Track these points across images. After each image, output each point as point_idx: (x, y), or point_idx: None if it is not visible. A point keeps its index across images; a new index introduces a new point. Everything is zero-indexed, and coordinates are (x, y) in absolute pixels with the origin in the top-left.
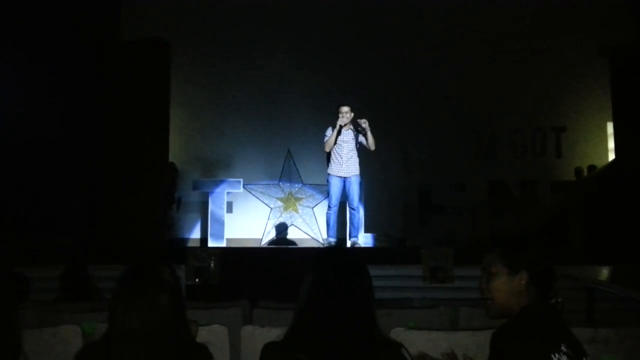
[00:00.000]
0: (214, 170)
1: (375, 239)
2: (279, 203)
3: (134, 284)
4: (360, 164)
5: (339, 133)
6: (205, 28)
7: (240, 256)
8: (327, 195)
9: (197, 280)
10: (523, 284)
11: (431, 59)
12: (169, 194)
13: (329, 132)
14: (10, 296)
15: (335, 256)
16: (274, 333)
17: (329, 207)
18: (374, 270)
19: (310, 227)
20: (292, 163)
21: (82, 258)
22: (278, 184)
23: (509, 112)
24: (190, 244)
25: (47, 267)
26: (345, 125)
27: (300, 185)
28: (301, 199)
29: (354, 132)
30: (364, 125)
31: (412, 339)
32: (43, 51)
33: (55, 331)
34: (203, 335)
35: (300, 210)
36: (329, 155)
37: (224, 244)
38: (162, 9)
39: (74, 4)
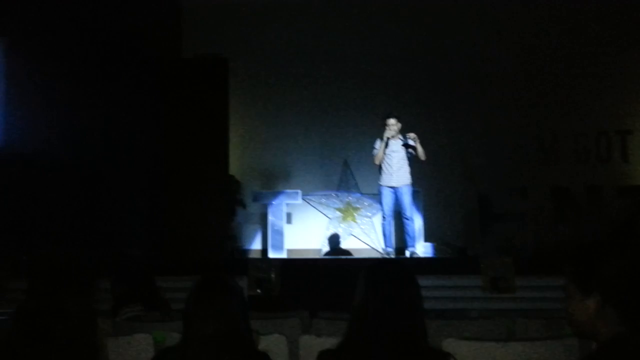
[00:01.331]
0: (273, 182)
1: (435, 249)
2: (338, 213)
3: (208, 293)
4: (418, 172)
5: (386, 145)
6: (262, 43)
7: (300, 267)
8: (380, 206)
9: (258, 290)
10: (597, 308)
11: (490, 62)
12: (230, 206)
13: (377, 144)
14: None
15: (386, 269)
16: (331, 342)
17: (383, 217)
18: (432, 281)
19: (369, 236)
20: (349, 173)
21: (150, 270)
22: (336, 194)
23: (571, 115)
24: (252, 255)
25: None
26: (392, 137)
27: (358, 195)
28: (359, 208)
29: (403, 141)
30: (412, 142)
31: (465, 350)
32: (105, 68)
33: (130, 339)
34: (263, 344)
35: (358, 220)
36: (380, 165)
37: (284, 255)
38: (220, 26)
39: (136, 22)
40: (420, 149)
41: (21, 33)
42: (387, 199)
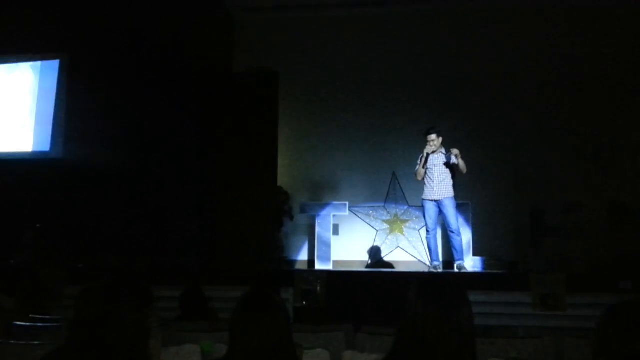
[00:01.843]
0: (321, 194)
1: (485, 263)
2: (385, 225)
3: (253, 308)
4: (467, 185)
5: (426, 160)
6: (312, 56)
7: (346, 279)
8: (424, 220)
9: (304, 302)
10: None
11: (545, 72)
12: (278, 217)
13: (420, 160)
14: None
15: (438, 285)
16: (373, 359)
17: (427, 231)
18: (480, 296)
19: (417, 249)
20: (397, 185)
21: (199, 279)
22: (384, 206)
23: (630, 127)
24: (298, 266)
25: (168, 287)
26: (433, 152)
27: (406, 208)
28: (407, 221)
29: (445, 155)
30: (454, 159)
31: None
32: (159, 83)
33: (179, 349)
34: (307, 358)
35: (406, 233)
36: (424, 180)
37: (330, 267)
38: (271, 40)
39: (189, 37)
40: (462, 164)
41: (80, 50)
42: (430, 212)
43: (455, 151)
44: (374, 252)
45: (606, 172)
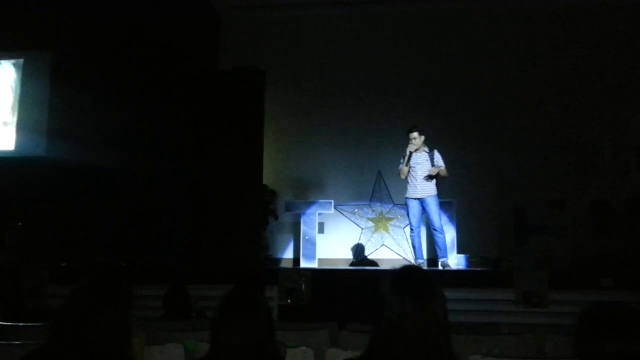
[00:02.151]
0: (306, 192)
1: (468, 260)
2: (370, 223)
3: (233, 307)
4: (451, 183)
5: (409, 159)
6: (297, 55)
7: (331, 277)
8: (407, 218)
9: (288, 300)
10: None
11: (527, 73)
12: (263, 215)
13: (402, 159)
14: (130, 316)
15: (410, 279)
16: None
17: (411, 229)
18: (464, 293)
19: (402, 247)
20: (382, 184)
21: (183, 278)
22: (369, 204)
23: (611, 128)
24: (284, 264)
25: (152, 286)
26: (416, 150)
27: (391, 206)
28: (392, 219)
29: (428, 153)
30: (434, 173)
31: None
32: (144, 80)
33: (162, 348)
34: (291, 357)
35: (391, 231)
36: (407, 179)
37: (316, 264)
38: (257, 39)
39: (175, 35)
40: (443, 172)
41: (64, 47)
42: (414, 210)
43: (433, 170)
44: (359, 250)
45: (588, 171)
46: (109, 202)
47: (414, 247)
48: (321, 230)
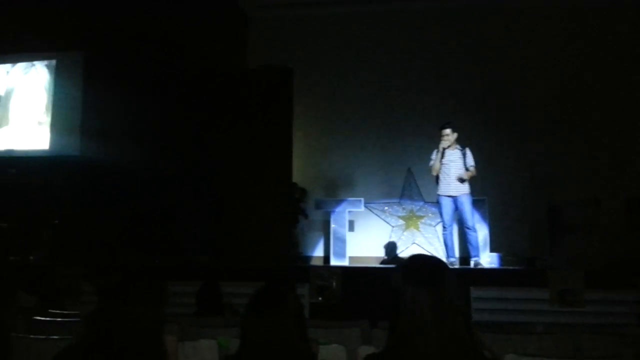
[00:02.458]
0: (336, 190)
1: (501, 259)
2: (400, 221)
3: (262, 304)
4: (484, 180)
5: (442, 155)
6: (326, 53)
7: (362, 275)
8: (440, 216)
9: (320, 298)
10: None
11: (563, 70)
12: (293, 213)
13: (433, 155)
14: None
15: (420, 267)
16: None
17: (444, 227)
18: (497, 292)
19: (433, 245)
20: (412, 181)
21: (215, 275)
22: (399, 202)
23: None
24: (314, 262)
25: (184, 283)
26: (449, 147)
27: (421, 204)
28: (422, 217)
29: (460, 151)
30: (468, 178)
31: None
32: (174, 79)
33: (195, 344)
34: (323, 354)
35: (422, 229)
36: (437, 176)
37: (346, 262)
38: (286, 37)
39: (203, 34)
40: (473, 172)
41: (95, 48)
42: (447, 208)
43: (465, 176)
44: (390, 248)
45: (623, 168)
46: (141, 200)
47: (446, 245)
48: (351, 228)
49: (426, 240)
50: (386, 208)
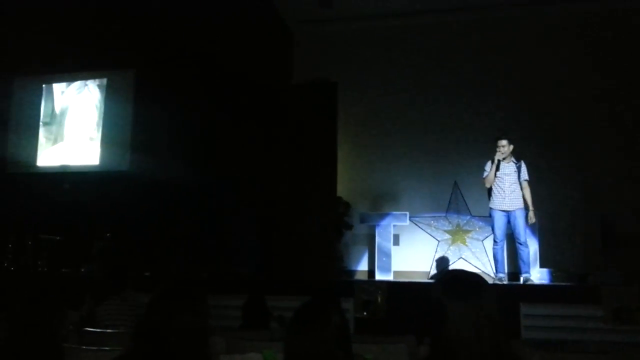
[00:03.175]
0: (381, 204)
1: (552, 275)
2: (447, 236)
3: (304, 318)
4: (533, 193)
5: (497, 167)
6: (371, 67)
7: (407, 290)
8: (492, 230)
9: (364, 313)
10: None
11: (612, 78)
12: (337, 227)
13: (487, 166)
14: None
15: (460, 282)
16: None
17: (495, 242)
18: (547, 309)
19: (481, 260)
20: (459, 195)
21: (261, 289)
22: (445, 216)
23: None
24: (358, 276)
25: (231, 296)
26: (504, 159)
27: (468, 218)
28: (470, 231)
29: (516, 164)
30: (533, 221)
31: None
32: (220, 96)
33: (242, 358)
34: None
35: (469, 244)
36: (490, 189)
37: (391, 277)
38: (330, 52)
39: (249, 50)
40: (527, 192)
41: (145, 66)
42: (499, 222)
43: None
44: (441, 262)
45: None
46: (188, 214)
47: (496, 260)
48: (396, 242)
49: (473, 255)
50: (432, 222)
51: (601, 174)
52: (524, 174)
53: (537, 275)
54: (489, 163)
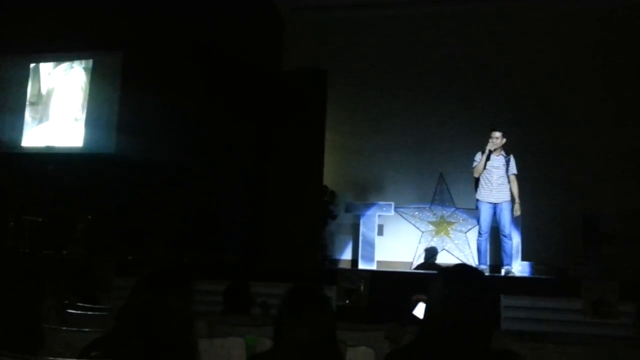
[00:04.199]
0: (366, 194)
1: (533, 268)
2: (431, 227)
3: (302, 302)
4: (518, 187)
5: (488, 158)
6: (359, 56)
7: (390, 279)
8: (477, 222)
9: (347, 301)
10: None
11: (599, 77)
12: (322, 216)
13: (477, 157)
14: (192, 308)
15: (465, 273)
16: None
17: (480, 233)
18: (528, 301)
19: (463, 252)
20: (444, 186)
21: (244, 275)
22: (430, 207)
23: None
24: (342, 265)
25: (214, 281)
26: (495, 150)
27: (452, 209)
28: (453, 223)
29: (505, 158)
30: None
31: None
32: (210, 81)
33: (224, 342)
34: (350, 356)
35: (452, 235)
36: (477, 180)
37: (374, 267)
38: (320, 39)
39: (240, 37)
40: (515, 188)
41: (132, 49)
42: (485, 214)
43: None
44: (430, 252)
45: None
46: (173, 199)
47: (479, 251)
48: (380, 232)
49: (456, 246)
50: (416, 213)
51: (584, 171)
52: (513, 168)
53: (519, 268)
54: (479, 154)
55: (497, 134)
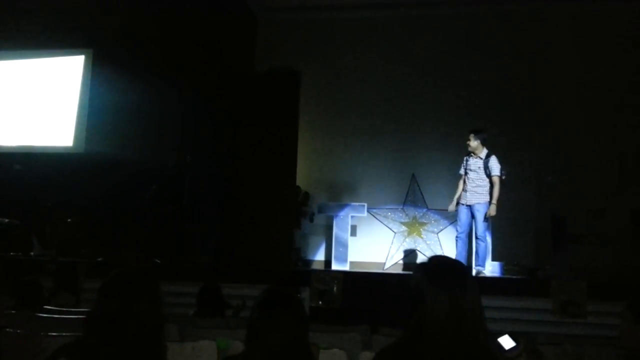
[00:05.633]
0: (339, 195)
1: (503, 268)
2: (403, 228)
3: (275, 305)
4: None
5: (466, 162)
6: (333, 57)
7: (363, 280)
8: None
9: (320, 302)
10: None
11: (571, 78)
12: (296, 217)
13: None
14: (162, 310)
15: (443, 269)
16: None
17: (457, 234)
18: (498, 301)
19: (435, 252)
20: (416, 188)
21: (216, 277)
22: (402, 208)
23: None
24: (315, 266)
25: (185, 283)
26: (472, 155)
27: (424, 210)
28: (426, 224)
29: (482, 160)
30: (494, 214)
31: None
32: (181, 80)
33: (194, 345)
34: (323, 358)
35: (424, 236)
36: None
37: (347, 267)
38: (293, 41)
39: (212, 36)
40: (495, 191)
41: (103, 47)
42: (461, 215)
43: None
44: (402, 253)
45: (630, 179)
46: (145, 198)
47: (456, 249)
48: (353, 233)
49: (428, 247)
50: (389, 214)
51: (553, 173)
52: (492, 169)
53: (489, 268)
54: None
55: (470, 136)
